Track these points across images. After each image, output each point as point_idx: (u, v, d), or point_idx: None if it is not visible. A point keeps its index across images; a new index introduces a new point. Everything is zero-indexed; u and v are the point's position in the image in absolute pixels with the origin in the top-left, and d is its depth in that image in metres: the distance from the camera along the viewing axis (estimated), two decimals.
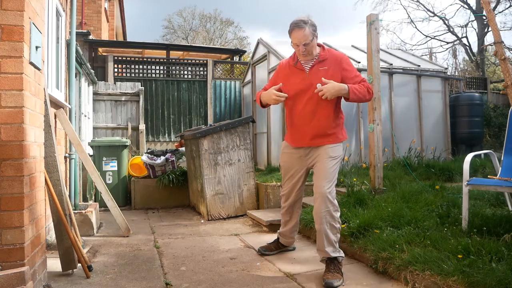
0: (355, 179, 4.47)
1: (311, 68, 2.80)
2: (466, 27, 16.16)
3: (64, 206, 2.88)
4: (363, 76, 2.86)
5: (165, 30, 29.18)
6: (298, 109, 2.83)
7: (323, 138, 2.80)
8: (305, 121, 2.81)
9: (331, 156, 2.79)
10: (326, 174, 2.73)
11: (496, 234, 2.73)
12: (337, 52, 2.91)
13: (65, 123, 3.88)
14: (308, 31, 2.68)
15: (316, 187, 2.76)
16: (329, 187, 2.70)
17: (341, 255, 2.74)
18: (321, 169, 2.76)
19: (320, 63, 2.79)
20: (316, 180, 2.78)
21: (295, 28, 2.71)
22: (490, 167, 4.82)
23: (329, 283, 2.50)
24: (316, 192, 2.75)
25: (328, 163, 2.76)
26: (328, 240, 2.69)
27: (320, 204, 2.69)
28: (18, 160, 2.06)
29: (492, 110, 10.01)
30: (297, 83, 2.82)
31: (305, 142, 2.85)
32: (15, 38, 2.05)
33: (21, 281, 1.78)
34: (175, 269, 2.92)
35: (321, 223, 2.69)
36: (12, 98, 2.05)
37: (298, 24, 2.69)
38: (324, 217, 2.68)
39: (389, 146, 6.36)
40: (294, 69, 2.87)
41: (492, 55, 13.20)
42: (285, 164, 3.06)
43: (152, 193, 5.81)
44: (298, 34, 2.69)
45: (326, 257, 2.70)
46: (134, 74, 8.44)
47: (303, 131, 2.84)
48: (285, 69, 2.94)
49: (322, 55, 2.80)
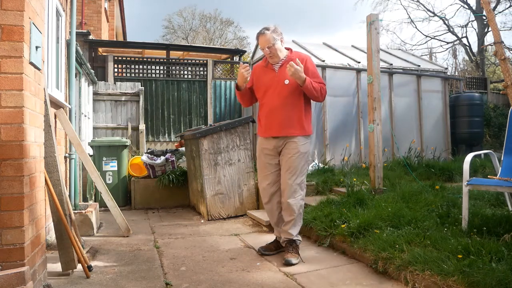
0: (355, 179, 4.48)
1: (280, 68, 3.21)
2: (466, 27, 16.18)
3: (64, 206, 2.88)
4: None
5: (165, 30, 29.20)
6: (270, 102, 3.19)
7: (292, 128, 3.15)
8: (276, 112, 3.16)
9: (301, 151, 3.15)
10: (295, 170, 3.13)
11: (496, 234, 2.73)
12: (304, 54, 3.37)
13: (65, 123, 3.88)
14: (270, 36, 3.12)
15: (283, 180, 3.17)
16: (295, 178, 3.13)
17: (299, 239, 3.22)
18: (291, 166, 3.13)
19: (287, 63, 3.11)
20: (284, 176, 3.16)
21: (259, 35, 3.18)
22: (490, 167, 4.82)
23: (289, 261, 2.97)
24: (284, 184, 3.15)
25: (298, 159, 3.13)
26: (296, 226, 3.16)
27: (290, 195, 3.12)
28: (18, 160, 2.06)
29: (492, 110, 10.01)
30: (268, 81, 3.23)
31: (275, 130, 3.17)
32: (15, 38, 2.05)
33: (21, 281, 1.78)
34: (175, 269, 2.92)
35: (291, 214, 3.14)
36: (12, 98, 2.05)
37: (262, 31, 3.17)
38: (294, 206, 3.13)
39: (389, 146, 6.37)
40: (266, 69, 3.28)
41: (492, 55, 13.21)
42: (260, 159, 3.32)
43: (152, 193, 5.81)
44: (262, 39, 3.15)
45: (288, 239, 3.13)
46: (134, 74, 8.44)
47: (273, 121, 3.17)
48: (259, 71, 3.34)
49: (289, 56, 3.21)
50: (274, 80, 3.18)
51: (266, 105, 3.22)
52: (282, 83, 3.15)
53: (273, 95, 3.17)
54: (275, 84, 3.17)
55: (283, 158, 3.19)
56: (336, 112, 6.30)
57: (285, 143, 3.18)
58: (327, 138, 6.16)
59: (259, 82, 3.29)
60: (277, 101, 3.15)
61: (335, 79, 6.33)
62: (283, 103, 3.14)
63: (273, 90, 3.17)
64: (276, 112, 3.15)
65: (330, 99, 6.23)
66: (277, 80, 3.17)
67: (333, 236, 3.36)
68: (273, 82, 3.18)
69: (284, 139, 3.18)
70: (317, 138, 6.12)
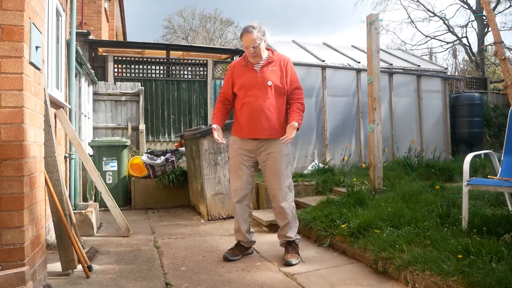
0: (355, 179, 4.48)
1: (261, 68, 3.11)
2: (466, 27, 16.19)
3: (64, 206, 2.88)
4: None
5: (165, 30, 29.21)
6: (253, 103, 3.07)
7: (274, 130, 3.07)
8: (259, 113, 3.06)
9: (284, 154, 3.10)
10: (282, 173, 3.09)
11: (496, 234, 2.73)
12: (284, 56, 3.27)
13: (65, 123, 3.88)
14: (256, 35, 3.00)
15: (271, 185, 3.13)
16: (284, 182, 3.09)
17: (298, 238, 3.20)
18: (277, 170, 3.08)
19: (269, 64, 3.11)
20: (271, 180, 3.11)
21: (245, 33, 3.03)
22: (490, 167, 4.83)
23: (289, 261, 2.95)
24: (275, 189, 3.10)
25: (282, 162, 3.09)
26: (292, 228, 3.14)
27: (279, 200, 3.08)
28: (18, 160, 2.06)
29: (492, 110, 10.01)
30: (249, 80, 3.10)
31: (258, 132, 3.07)
32: (15, 38, 2.05)
33: (21, 281, 1.78)
34: (175, 269, 2.92)
35: (285, 218, 3.11)
36: (12, 98, 2.05)
37: (247, 29, 3.02)
38: (287, 209, 3.09)
39: (389, 146, 6.37)
40: (246, 68, 3.15)
41: (492, 55, 13.20)
42: (236, 160, 3.19)
43: (152, 193, 5.81)
44: (248, 38, 3.01)
45: (287, 240, 3.12)
46: (134, 74, 8.44)
47: (256, 122, 3.06)
48: (238, 69, 3.19)
49: (271, 57, 3.14)
50: (257, 81, 3.07)
51: (248, 106, 3.08)
52: (265, 84, 3.05)
53: (256, 96, 3.06)
54: (258, 85, 3.07)
55: (267, 162, 3.10)
56: (336, 112, 6.30)
57: (267, 146, 3.09)
58: (327, 138, 6.16)
59: (239, 81, 3.15)
60: (260, 102, 3.04)
61: (335, 79, 6.33)
62: (266, 105, 3.05)
63: (256, 91, 3.06)
64: (260, 113, 3.05)
65: (330, 99, 6.23)
66: (260, 81, 3.07)
67: (333, 236, 3.36)
68: (256, 83, 3.07)
69: (265, 141, 3.09)
70: (317, 138, 6.13)
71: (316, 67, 6.21)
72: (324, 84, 6.20)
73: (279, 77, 3.09)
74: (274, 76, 3.07)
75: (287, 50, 6.52)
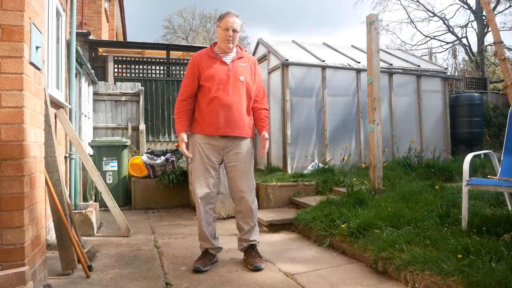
0: (355, 179, 4.48)
1: (232, 62, 2.99)
2: (466, 27, 16.21)
3: (64, 206, 2.88)
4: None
5: (165, 30, 29.23)
6: (225, 98, 2.90)
7: (243, 128, 2.97)
8: (231, 109, 2.91)
9: (251, 153, 3.05)
10: (248, 173, 3.01)
11: (496, 234, 2.73)
12: (251, 55, 3.24)
13: (65, 123, 3.89)
14: (239, 21, 2.97)
15: (239, 187, 2.98)
16: (251, 182, 3.02)
17: (258, 241, 3.11)
18: (245, 169, 2.98)
19: (239, 59, 3.02)
20: (239, 182, 2.97)
21: (230, 13, 2.96)
22: (490, 167, 4.83)
23: (258, 266, 2.85)
24: (240, 192, 2.98)
25: (250, 163, 3.03)
26: (256, 230, 3.07)
27: (249, 202, 2.99)
28: (18, 160, 2.06)
29: (492, 110, 10.02)
30: (220, 73, 2.94)
31: (229, 129, 2.91)
32: (15, 38, 2.05)
33: (21, 281, 1.78)
34: (175, 269, 2.93)
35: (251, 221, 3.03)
36: (12, 98, 2.05)
37: (232, 12, 2.97)
38: (255, 211, 3.04)
39: (389, 146, 6.37)
40: (215, 60, 2.98)
41: (492, 55, 13.20)
42: (201, 160, 2.94)
43: (152, 193, 5.81)
44: (233, 19, 2.93)
45: (250, 244, 3.03)
46: (134, 74, 8.44)
47: (228, 118, 2.90)
48: (204, 61, 2.98)
49: (240, 52, 3.06)
50: (229, 75, 2.93)
51: (219, 100, 2.88)
52: (237, 79, 2.93)
53: (227, 91, 2.90)
54: (231, 80, 2.92)
55: (235, 163, 2.94)
56: (336, 112, 6.30)
57: (234, 145, 2.95)
58: (327, 138, 6.16)
59: (206, 72, 2.92)
60: (233, 98, 2.90)
61: (335, 79, 6.33)
62: (239, 101, 2.92)
63: (228, 86, 2.91)
64: (232, 109, 2.89)
65: (330, 99, 6.23)
66: (233, 75, 2.93)
67: (333, 236, 3.36)
68: (228, 77, 2.92)
69: (233, 140, 2.94)
70: (317, 138, 6.13)
71: (316, 67, 6.21)
72: (324, 84, 6.20)
73: (249, 75, 3.01)
74: (245, 73, 2.98)
75: (287, 50, 6.52)
